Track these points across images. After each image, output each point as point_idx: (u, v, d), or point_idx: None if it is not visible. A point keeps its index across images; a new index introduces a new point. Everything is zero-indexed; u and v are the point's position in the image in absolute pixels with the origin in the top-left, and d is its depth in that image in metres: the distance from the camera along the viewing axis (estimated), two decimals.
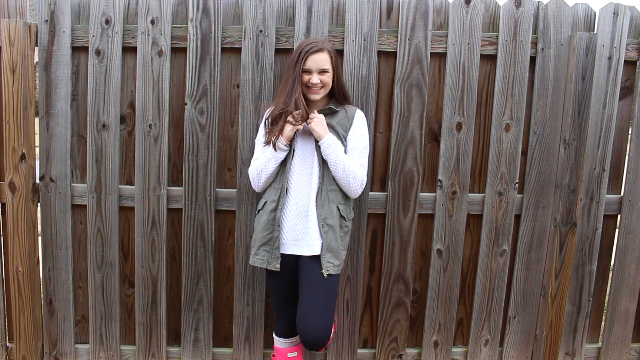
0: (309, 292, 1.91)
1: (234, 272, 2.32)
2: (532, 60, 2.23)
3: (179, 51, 2.20)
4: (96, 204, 2.26)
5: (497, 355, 2.44)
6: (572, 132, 2.23)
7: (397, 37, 2.18)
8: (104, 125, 2.21)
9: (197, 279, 2.31)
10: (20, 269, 2.25)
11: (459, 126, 2.23)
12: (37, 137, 2.23)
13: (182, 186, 2.27)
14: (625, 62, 2.24)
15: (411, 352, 2.43)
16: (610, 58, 2.19)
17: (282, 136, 1.90)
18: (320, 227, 1.91)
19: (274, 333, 2.15)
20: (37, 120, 2.21)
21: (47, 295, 2.32)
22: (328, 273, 1.90)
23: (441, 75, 2.25)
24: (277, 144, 1.90)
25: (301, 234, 1.94)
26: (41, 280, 2.33)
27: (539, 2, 2.20)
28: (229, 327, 2.40)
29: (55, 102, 2.19)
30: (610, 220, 2.36)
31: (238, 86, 2.23)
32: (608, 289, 2.43)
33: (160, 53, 2.17)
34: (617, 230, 2.38)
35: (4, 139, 2.20)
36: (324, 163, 1.93)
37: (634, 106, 2.27)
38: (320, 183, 1.94)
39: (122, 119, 2.25)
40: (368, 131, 2.07)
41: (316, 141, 1.93)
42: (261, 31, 2.15)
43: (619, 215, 2.34)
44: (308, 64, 1.89)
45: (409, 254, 2.31)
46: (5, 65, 2.13)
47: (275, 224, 1.93)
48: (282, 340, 2.12)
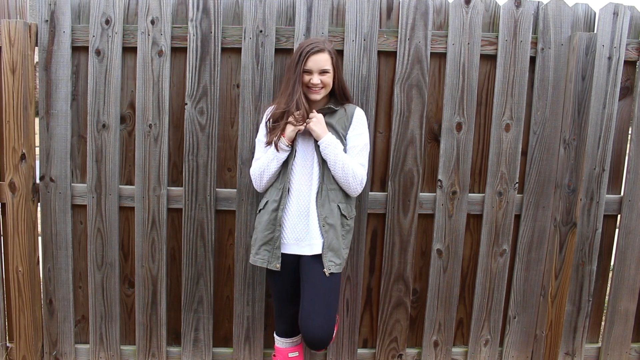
0: (311, 291, 1.91)
1: (234, 272, 2.32)
2: (532, 60, 2.23)
3: (179, 51, 2.20)
4: (96, 204, 2.26)
5: (497, 355, 2.44)
6: (572, 132, 2.23)
7: (397, 37, 2.18)
8: (104, 125, 2.21)
9: (197, 279, 2.31)
10: (20, 269, 2.25)
11: (459, 126, 2.23)
12: (37, 137, 2.23)
13: (182, 186, 2.27)
14: (625, 62, 2.24)
15: (411, 352, 2.43)
16: (610, 58, 2.19)
17: (284, 137, 1.90)
18: (321, 226, 1.91)
19: (275, 333, 2.15)
20: (37, 120, 2.21)
21: (47, 295, 2.32)
22: (330, 272, 1.90)
23: (441, 75, 2.25)
24: (279, 145, 1.90)
25: (302, 233, 1.94)
26: (41, 280, 2.33)
27: (539, 2, 2.20)
28: (229, 327, 2.40)
29: (55, 102, 2.20)
30: (610, 220, 2.37)
31: (238, 86, 2.23)
32: (608, 289, 2.43)
33: (160, 53, 2.17)
34: (617, 230, 2.38)
35: (4, 139, 2.20)
36: (323, 162, 1.93)
37: (633, 106, 2.28)
38: (320, 182, 1.94)
39: (122, 119, 2.25)
40: (368, 130, 2.06)
41: (315, 141, 1.93)
42: (261, 31, 2.15)
43: (619, 215, 2.34)
44: (309, 64, 1.89)
45: (409, 254, 2.31)
46: (6, 65, 2.13)
47: (277, 224, 1.93)
48: (283, 340, 2.12)
